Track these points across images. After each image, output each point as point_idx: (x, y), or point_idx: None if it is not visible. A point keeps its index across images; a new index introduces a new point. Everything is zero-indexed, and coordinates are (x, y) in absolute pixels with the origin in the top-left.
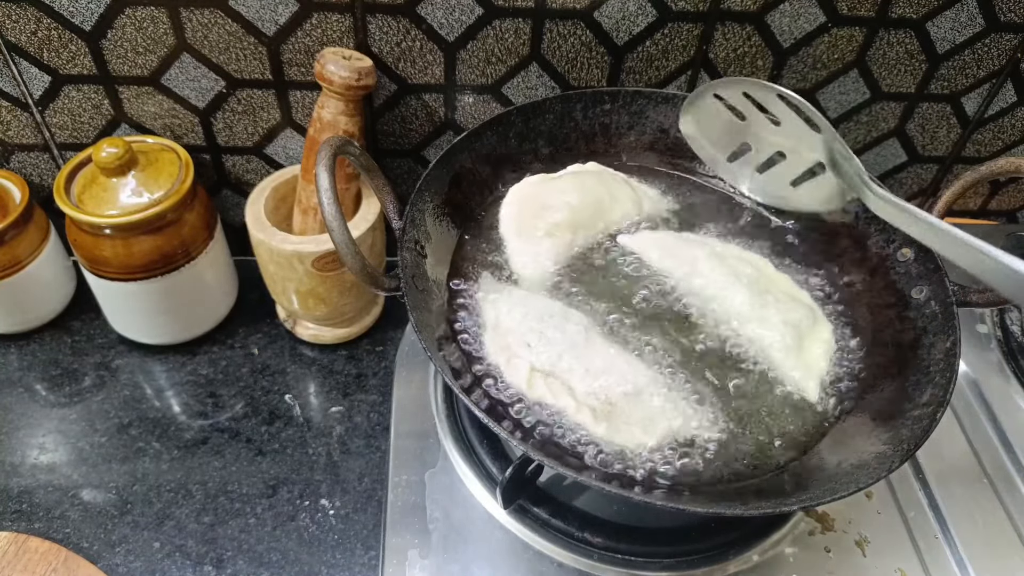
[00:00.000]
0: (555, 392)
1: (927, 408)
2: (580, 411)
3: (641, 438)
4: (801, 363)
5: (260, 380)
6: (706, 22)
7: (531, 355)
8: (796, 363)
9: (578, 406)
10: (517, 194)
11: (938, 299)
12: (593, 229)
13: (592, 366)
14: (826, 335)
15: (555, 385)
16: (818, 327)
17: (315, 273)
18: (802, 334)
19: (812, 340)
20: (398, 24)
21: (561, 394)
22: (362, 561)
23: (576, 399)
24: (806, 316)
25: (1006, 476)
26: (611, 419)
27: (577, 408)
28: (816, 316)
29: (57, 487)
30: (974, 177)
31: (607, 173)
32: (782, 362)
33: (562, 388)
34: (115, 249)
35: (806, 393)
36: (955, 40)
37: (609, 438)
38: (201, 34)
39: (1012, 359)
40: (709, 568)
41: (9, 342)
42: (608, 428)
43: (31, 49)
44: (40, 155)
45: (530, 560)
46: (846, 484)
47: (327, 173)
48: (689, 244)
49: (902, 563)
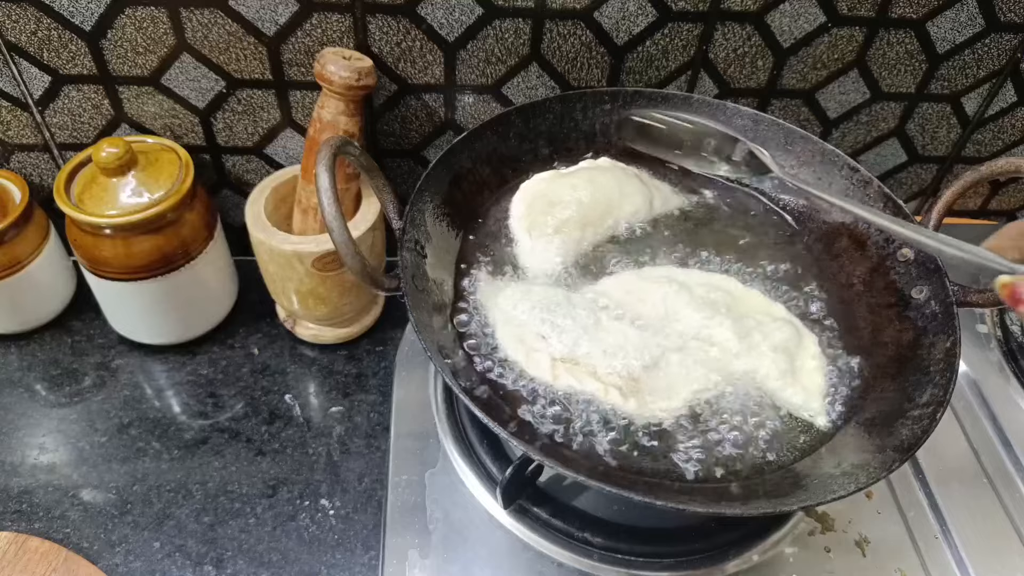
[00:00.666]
0: (580, 378)
1: (927, 408)
2: (609, 392)
3: (667, 404)
4: (799, 386)
5: (260, 380)
6: (706, 22)
7: (549, 346)
8: (795, 388)
9: (605, 388)
10: (528, 190)
11: (938, 299)
12: (602, 226)
13: (608, 346)
14: (813, 349)
15: (579, 372)
16: (804, 342)
17: (315, 273)
18: (792, 355)
19: (803, 359)
20: (398, 24)
21: (587, 379)
22: (362, 561)
23: (602, 381)
24: (791, 335)
25: (1006, 476)
26: (638, 394)
27: (605, 390)
28: (799, 330)
29: (57, 487)
30: (974, 177)
31: (619, 168)
32: (781, 390)
33: (586, 373)
34: (115, 249)
35: (813, 415)
36: (955, 40)
37: (640, 412)
38: (201, 34)
39: (1012, 359)
40: (709, 568)
41: (9, 342)
42: (637, 403)
43: (31, 49)
44: (40, 155)
45: (530, 560)
46: (846, 484)
47: (327, 173)
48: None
49: (902, 563)
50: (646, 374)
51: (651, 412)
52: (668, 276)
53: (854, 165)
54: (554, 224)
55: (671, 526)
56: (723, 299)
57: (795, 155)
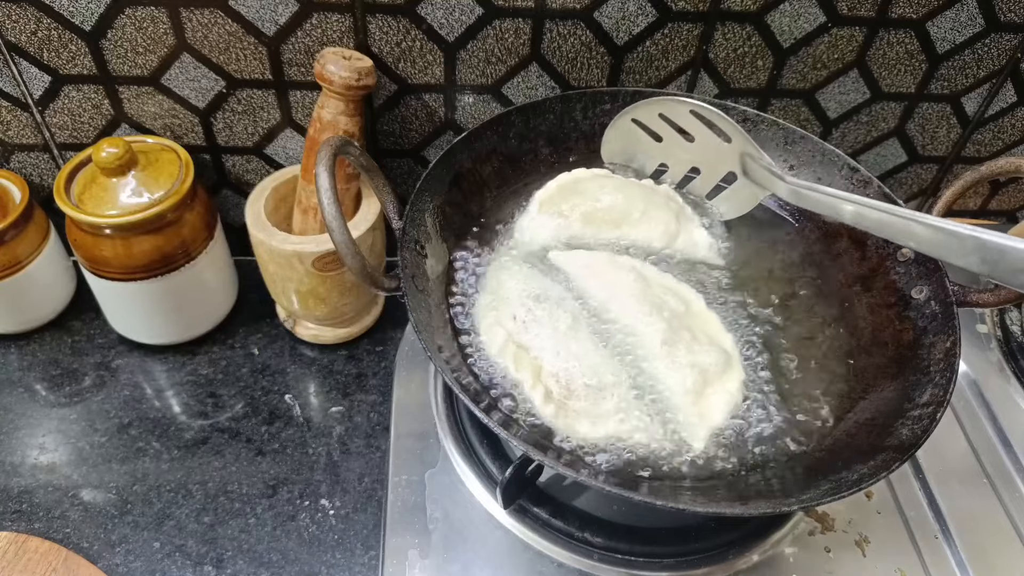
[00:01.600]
0: (519, 364)
1: (927, 408)
2: (535, 388)
3: (587, 431)
4: (696, 409)
5: (260, 380)
6: (706, 22)
7: (514, 326)
8: (693, 409)
9: (535, 383)
10: (569, 175)
11: (938, 299)
12: (607, 233)
13: (565, 350)
14: (733, 385)
15: (524, 358)
16: (729, 375)
17: (315, 273)
18: (708, 380)
19: (716, 389)
20: (398, 24)
21: (524, 368)
22: (362, 561)
23: (538, 377)
24: (719, 362)
25: (1006, 476)
26: (564, 407)
27: (533, 385)
28: (731, 363)
29: (57, 487)
30: (974, 177)
31: (661, 194)
32: (680, 406)
33: (529, 362)
34: (115, 249)
35: (692, 441)
36: (955, 40)
37: (553, 421)
38: (201, 34)
39: (1012, 359)
40: (709, 568)
41: (9, 342)
42: (556, 412)
43: (31, 49)
44: (40, 155)
45: (530, 560)
46: (846, 484)
47: (327, 173)
48: (616, 267)
49: (902, 563)
50: (585, 394)
51: (567, 427)
52: (637, 268)
53: (854, 165)
54: (565, 208)
55: (671, 526)
56: (675, 307)
57: (795, 155)
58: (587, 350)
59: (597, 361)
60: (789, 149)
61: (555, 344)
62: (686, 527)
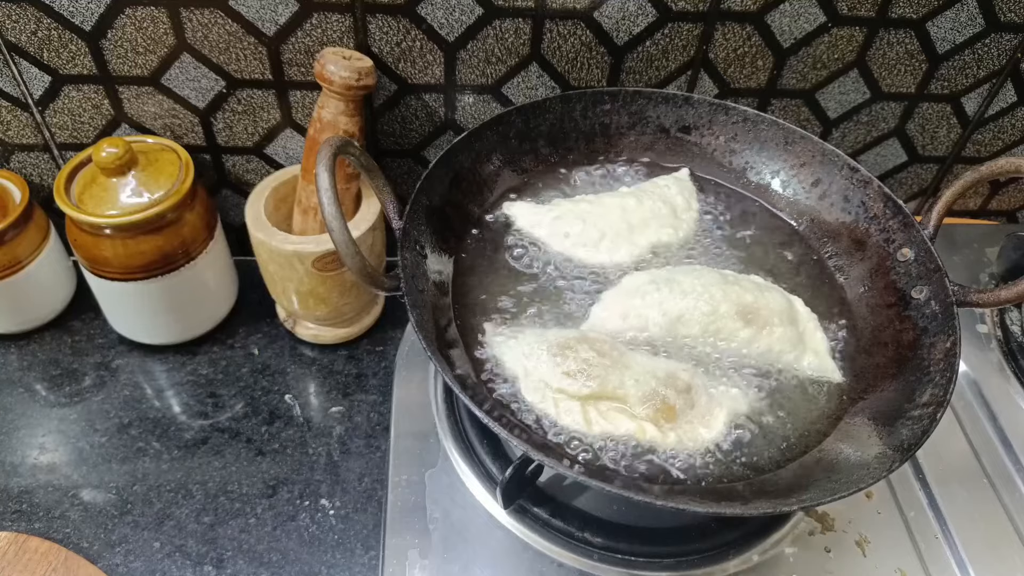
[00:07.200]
0: (613, 419)
1: (927, 408)
2: (644, 429)
3: (706, 435)
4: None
5: (260, 380)
6: (706, 22)
7: (576, 385)
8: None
9: (639, 425)
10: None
11: (938, 299)
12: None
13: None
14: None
15: (610, 411)
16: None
17: (315, 273)
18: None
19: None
20: (398, 24)
21: (619, 418)
22: (362, 561)
23: (635, 416)
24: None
25: (1006, 476)
26: (677, 424)
27: (640, 427)
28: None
29: (57, 487)
30: (974, 177)
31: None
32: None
33: (617, 411)
34: (115, 249)
35: (828, 374)
36: (955, 40)
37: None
38: (201, 34)
39: (1012, 359)
40: (709, 568)
41: (9, 342)
42: (676, 436)
43: (31, 49)
44: (40, 155)
45: (530, 560)
46: (846, 484)
47: (327, 173)
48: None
49: (902, 563)
50: (682, 400)
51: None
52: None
53: (854, 165)
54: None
55: (671, 526)
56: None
57: (795, 155)
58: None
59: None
60: (789, 149)
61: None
62: (686, 527)
